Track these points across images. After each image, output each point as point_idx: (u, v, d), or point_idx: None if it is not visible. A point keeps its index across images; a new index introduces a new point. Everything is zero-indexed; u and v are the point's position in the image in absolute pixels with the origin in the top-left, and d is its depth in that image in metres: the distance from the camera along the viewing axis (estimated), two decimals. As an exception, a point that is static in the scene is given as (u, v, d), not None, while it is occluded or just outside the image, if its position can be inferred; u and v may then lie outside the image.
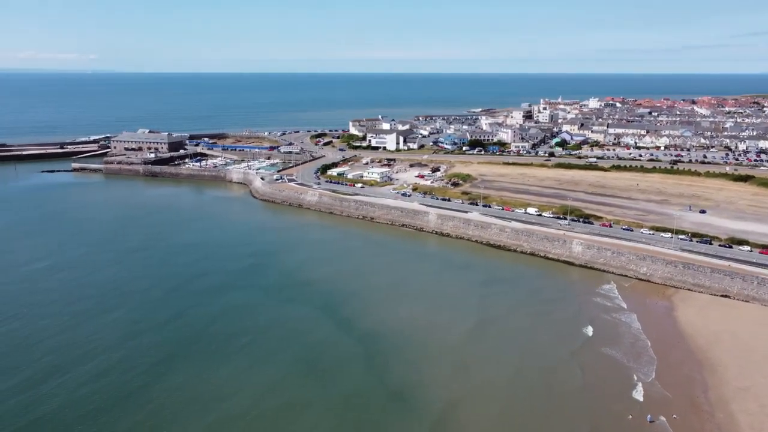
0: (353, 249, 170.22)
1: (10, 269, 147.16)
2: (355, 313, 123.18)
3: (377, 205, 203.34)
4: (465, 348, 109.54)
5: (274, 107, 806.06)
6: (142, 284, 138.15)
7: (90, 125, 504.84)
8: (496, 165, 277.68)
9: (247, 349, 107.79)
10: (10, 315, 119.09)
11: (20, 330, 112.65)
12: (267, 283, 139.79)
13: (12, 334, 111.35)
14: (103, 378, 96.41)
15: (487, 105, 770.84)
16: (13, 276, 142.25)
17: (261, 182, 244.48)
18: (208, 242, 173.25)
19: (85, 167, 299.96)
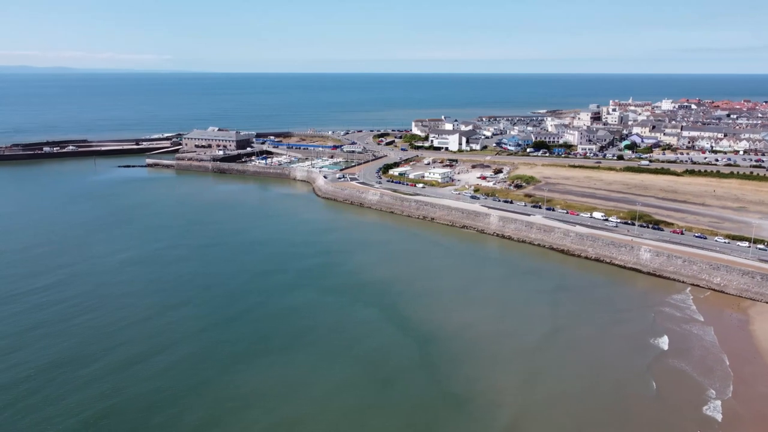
0: (416, 251, 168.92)
1: (90, 261, 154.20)
2: (419, 317, 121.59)
3: (438, 205, 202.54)
4: (534, 357, 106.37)
5: (340, 107, 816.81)
6: (212, 280, 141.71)
7: (164, 123, 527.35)
8: (562, 167, 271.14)
9: (311, 348, 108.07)
10: (89, 306, 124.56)
11: (97, 321, 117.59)
12: (331, 284, 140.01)
13: (89, 323, 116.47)
14: (171, 371, 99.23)
15: (553, 106, 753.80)
16: (92, 268, 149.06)
17: (324, 180, 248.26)
18: (273, 240, 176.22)
19: (158, 163, 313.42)
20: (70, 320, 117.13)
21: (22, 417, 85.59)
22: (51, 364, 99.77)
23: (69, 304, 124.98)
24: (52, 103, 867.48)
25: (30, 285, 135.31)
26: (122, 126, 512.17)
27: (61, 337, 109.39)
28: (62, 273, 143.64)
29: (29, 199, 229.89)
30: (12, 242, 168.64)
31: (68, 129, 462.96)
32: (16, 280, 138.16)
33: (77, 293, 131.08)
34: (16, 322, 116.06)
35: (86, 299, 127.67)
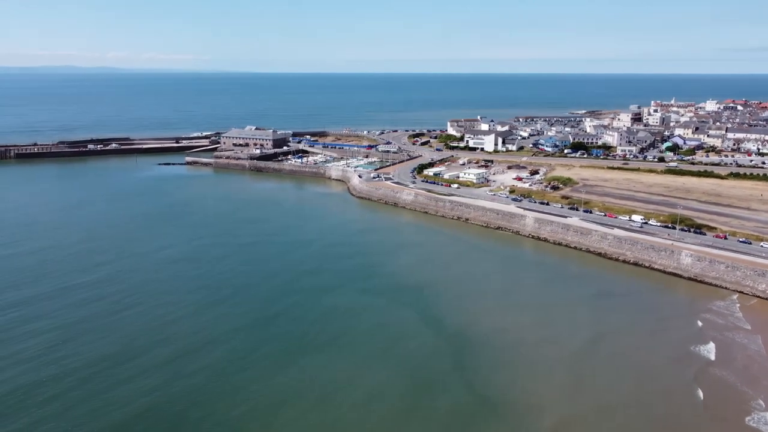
0: (452, 252, 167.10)
1: (134, 258, 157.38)
2: (458, 320, 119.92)
3: (473, 206, 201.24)
4: (576, 364, 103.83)
5: (376, 107, 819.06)
6: (251, 279, 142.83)
7: (203, 122, 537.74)
8: (600, 169, 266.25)
9: (349, 350, 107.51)
10: (133, 302, 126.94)
11: (140, 317, 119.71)
12: (369, 285, 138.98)
13: (133, 320, 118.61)
14: (210, 368, 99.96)
15: (591, 107, 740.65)
16: (136, 264, 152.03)
17: (358, 180, 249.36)
18: (311, 240, 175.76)
19: (197, 161, 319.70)
20: (115, 316, 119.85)
21: (70, 408, 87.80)
22: (96, 359, 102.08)
23: (114, 299, 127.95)
24: (96, 102, 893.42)
25: (77, 280, 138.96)
26: (163, 124, 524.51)
27: (106, 333, 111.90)
28: (108, 269, 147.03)
29: (75, 196, 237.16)
30: (59, 238, 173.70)
31: (111, 127, 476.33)
32: (64, 275, 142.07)
33: (122, 289, 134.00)
34: (63, 315, 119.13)
35: (130, 295, 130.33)
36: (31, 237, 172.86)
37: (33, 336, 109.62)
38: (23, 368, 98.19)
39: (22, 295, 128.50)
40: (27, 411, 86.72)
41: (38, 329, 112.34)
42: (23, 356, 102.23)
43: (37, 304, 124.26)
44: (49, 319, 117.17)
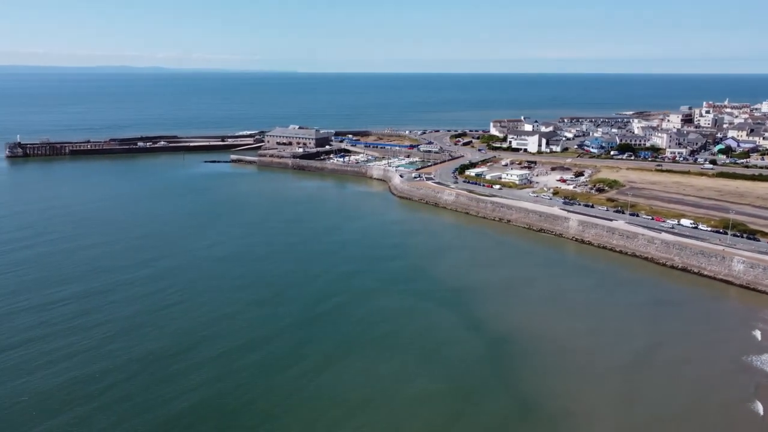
0: (496, 255, 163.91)
1: (182, 255, 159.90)
2: (504, 326, 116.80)
3: (515, 207, 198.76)
4: (630, 375, 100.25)
5: (419, 106, 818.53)
6: (295, 279, 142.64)
7: (248, 120, 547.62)
8: (648, 171, 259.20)
9: (393, 354, 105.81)
10: (180, 299, 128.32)
11: (187, 315, 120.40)
12: (414, 288, 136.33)
13: (180, 317, 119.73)
14: (253, 368, 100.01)
15: (639, 107, 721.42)
16: (184, 262, 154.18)
17: (400, 180, 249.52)
18: (355, 241, 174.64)
19: (242, 159, 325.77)
20: (164, 312, 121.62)
21: (118, 402, 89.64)
22: (144, 354, 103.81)
23: (163, 296, 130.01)
24: (147, 101, 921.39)
25: (127, 276, 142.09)
26: (210, 123, 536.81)
27: (154, 329, 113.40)
28: (157, 266, 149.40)
29: (125, 192, 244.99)
30: (110, 234, 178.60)
31: (160, 125, 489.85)
32: (115, 271, 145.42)
33: (170, 285, 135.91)
34: (114, 311, 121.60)
35: (178, 292, 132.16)
36: (84, 233, 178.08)
37: (84, 330, 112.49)
38: (74, 362, 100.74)
39: (74, 290, 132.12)
40: (77, 404, 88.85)
41: (89, 323, 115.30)
42: (73, 350, 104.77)
43: (88, 299, 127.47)
44: (99, 313, 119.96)
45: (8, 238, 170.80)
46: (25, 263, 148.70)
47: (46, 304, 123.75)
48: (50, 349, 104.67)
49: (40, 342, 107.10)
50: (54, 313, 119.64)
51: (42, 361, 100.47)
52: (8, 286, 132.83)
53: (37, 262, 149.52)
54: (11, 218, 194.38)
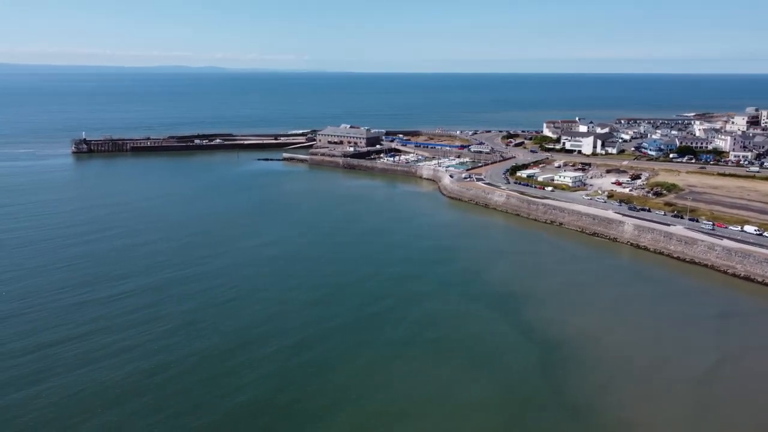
0: (550, 260, 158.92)
1: (235, 253, 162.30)
2: (563, 334, 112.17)
3: (567, 210, 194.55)
4: (700, 389, 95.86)
5: (470, 107, 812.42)
6: (346, 279, 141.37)
7: (300, 119, 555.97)
8: (710, 175, 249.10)
9: (445, 359, 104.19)
10: (234, 297, 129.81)
11: (240, 312, 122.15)
12: (468, 292, 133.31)
13: (232, 314, 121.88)
14: (307, 366, 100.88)
15: (702, 109, 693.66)
16: (237, 260, 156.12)
17: (449, 180, 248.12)
18: (404, 242, 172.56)
19: (294, 157, 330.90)
20: (218, 309, 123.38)
21: (173, 398, 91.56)
22: (198, 351, 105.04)
23: (217, 293, 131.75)
24: (203, 99, 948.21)
25: (184, 272, 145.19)
26: (263, 121, 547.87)
27: (208, 327, 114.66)
28: (213, 263, 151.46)
29: (182, 188, 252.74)
30: (168, 230, 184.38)
31: (216, 124, 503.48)
32: (172, 267, 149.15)
33: (225, 283, 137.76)
34: (170, 307, 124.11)
35: (233, 290, 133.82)
36: (144, 229, 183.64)
37: (141, 325, 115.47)
38: (131, 356, 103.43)
39: (133, 285, 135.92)
40: (133, 397, 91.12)
41: (146, 318, 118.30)
42: (131, 344, 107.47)
43: (146, 294, 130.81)
44: (156, 309, 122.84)
45: (74, 231, 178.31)
46: (89, 257, 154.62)
47: (107, 298, 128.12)
48: (109, 342, 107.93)
49: (99, 334, 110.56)
50: (113, 307, 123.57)
51: (101, 353, 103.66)
52: (72, 279, 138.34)
53: (100, 257, 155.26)
54: (77, 213, 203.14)
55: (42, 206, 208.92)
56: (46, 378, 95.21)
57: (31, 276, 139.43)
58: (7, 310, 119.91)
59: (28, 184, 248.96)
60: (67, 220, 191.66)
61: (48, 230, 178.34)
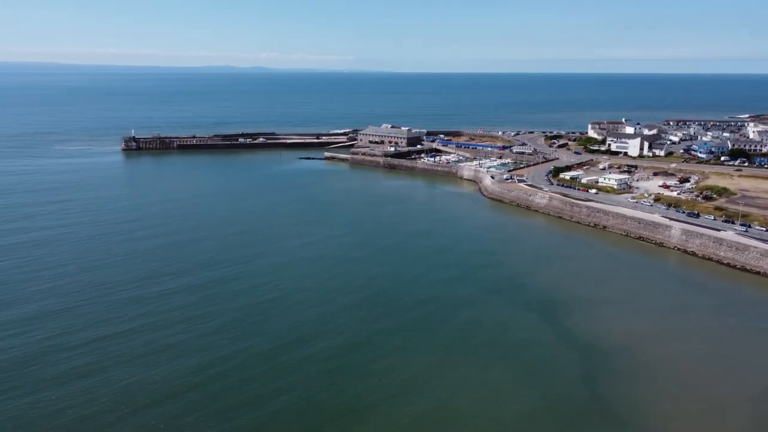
0: (597, 265, 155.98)
1: (280, 253, 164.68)
2: (612, 345, 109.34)
3: (612, 213, 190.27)
4: (761, 408, 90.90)
5: (512, 107, 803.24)
6: (390, 282, 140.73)
7: (341, 119, 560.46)
8: (764, 180, 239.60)
9: (491, 368, 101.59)
10: (279, 297, 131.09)
11: (285, 312, 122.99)
12: (510, 298, 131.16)
13: (279, 312, 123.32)
14: (352, 368, 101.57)
15: (757, 110, 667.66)
16: (282, 259, 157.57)
17: (490, 181, 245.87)
18: (447, 246, 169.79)
19: (335, 156, 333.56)
20: (262, 309, 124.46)
21: (217, 394, 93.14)
22: (241, 350, 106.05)
23: (263, 292, 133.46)
24: (248, 99, 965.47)
25: (228, 271, 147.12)
26: (305, 121, 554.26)
27: (252, 327, 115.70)
28: (257, 263, 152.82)
29: (227, 186, 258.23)
30: (214, 228, 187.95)
31: (260, 123, 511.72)
32: (217, 265, 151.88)
33: (269, 282, 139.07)
34: (216, 305, 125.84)
35: (276, 290, 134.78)
36: (191, 227, 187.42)
37: (186, 322, 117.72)
38: (176, 352, 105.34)
39: (180, 283, 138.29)
40: (177, 394, 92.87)
41: (191, 316, 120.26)
42: (176, 341, 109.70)
43: (192, 292, 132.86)
44: (202, 307, 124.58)
45: (126, 228, 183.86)
46: (139, 253, 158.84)
47: (154, 294, 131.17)
48: (155, 338, 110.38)
49: (146, 331, 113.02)
50: (160, 303, 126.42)
51: (147, 349, 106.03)
52: (123, 275, 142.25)
53: (149, 253, 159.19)
54: (129, 210, 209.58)
55: (96, 203, 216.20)
56: (92, 372, 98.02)
57: (85, 271, 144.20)
58: (62, 304, 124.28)
59: (81, 180, 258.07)
60: (119, 216, 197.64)
61: (101, 226, 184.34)
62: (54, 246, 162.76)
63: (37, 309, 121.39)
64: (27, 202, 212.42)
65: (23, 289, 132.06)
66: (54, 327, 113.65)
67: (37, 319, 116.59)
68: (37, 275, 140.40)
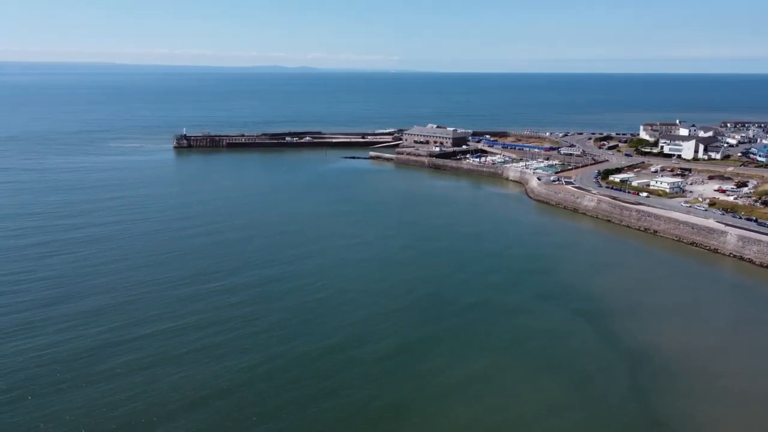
0: (649, 273, 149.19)
1: (326, 252, 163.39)
2: (670, 361, 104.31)
3: (663, 217, 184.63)
4: None
5: (560, 107, 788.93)
6: (437, 287, 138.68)
7: (387, 119, 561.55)
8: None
9: (552, 379, 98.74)
10: (325, 297, 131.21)
11: (332, 313, 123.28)
12: (561, 305, 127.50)
13: (326, 312, 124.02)
14: (387, 363, 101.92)
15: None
16: (328, 259, 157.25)
17: (537, 182, 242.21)
18: (495, 250, 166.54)
19: (380, 156, 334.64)
20: (310, 310, 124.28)
21: (266, 392, 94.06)
22: (290, 350, 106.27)
23: (309, 294, 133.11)
24: (295, 98, 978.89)
25: (277, 270, 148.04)
26: (351, 120, 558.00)
27: (301, 328, 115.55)
28: (306, 263, 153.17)
29: (274, 184, 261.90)
30: (262, 227, 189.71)
31: (306, 122, 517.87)
32: (266, 265, 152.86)
33: (315, 282, 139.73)
34: (265, 305, 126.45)
35: (325, 291, 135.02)
36: (242, 225, 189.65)
37: (235, 321, 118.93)
38: (226, 351, 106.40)
39: (227, 282, 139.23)
40: (228, 393, 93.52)
41: (241, 315, 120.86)
42: (220, 341, 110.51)
43: (239, 291, 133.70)
44: (248, 306, 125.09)
45: (179, 225, 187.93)
46: (188, 251, 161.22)
47: (203, 292, 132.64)
48: (202, 336, 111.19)
49: (194, 329, 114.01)
50: (209, 301, 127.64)
51: (197, 345, 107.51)
52: (169, 272, 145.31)
53: (197, 251, 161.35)
54: (181, 207, 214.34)
55: (149, 200, 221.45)
56: (144, 367, 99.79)
57: (139, 267, 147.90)
58: (116, 299, 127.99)
59: (135, 178, 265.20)
60: (171, 213, 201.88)
61: (154, 223, 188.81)
62: (110, 242, 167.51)
63: (93, 303, 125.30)
64: (85, 199, 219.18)
65: (81, 283, 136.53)
66: (108, 321, 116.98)
67: (93, 313, 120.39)
68: (93, 270, 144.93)
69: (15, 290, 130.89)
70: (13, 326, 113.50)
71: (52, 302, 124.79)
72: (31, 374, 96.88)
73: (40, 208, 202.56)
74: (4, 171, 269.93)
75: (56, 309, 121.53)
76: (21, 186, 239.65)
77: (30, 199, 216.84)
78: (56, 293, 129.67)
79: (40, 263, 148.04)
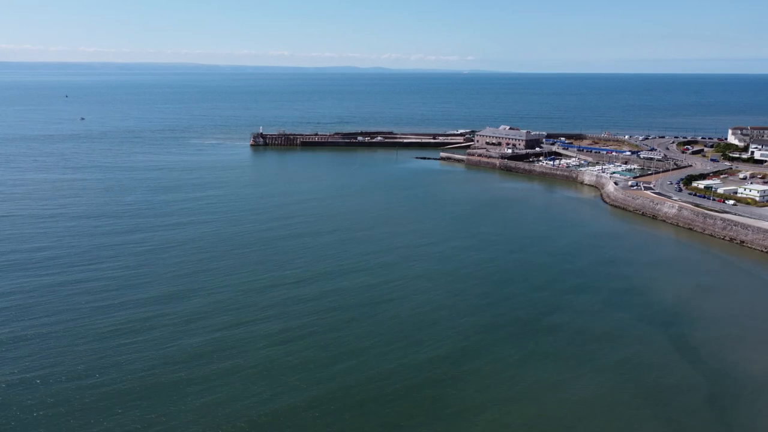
0: (742, 291, 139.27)
1: (398, 251, 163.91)
2: (747, 378, 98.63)
3: (752, 227, 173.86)
4: None
5: (642, 109, 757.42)
6: (515, 288, 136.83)
7: (459, 119, 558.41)
8: None
9: (615, 387, 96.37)
10: (392, 297, 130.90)
11: (396, 311, 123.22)
12: (646, 315, 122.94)
13: (389, 309, 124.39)
14: (459, 365, 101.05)
15: None
16: (398, 259, 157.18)
17: (613, 187, 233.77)
18: (572, 254, 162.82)
19: (451, 157, 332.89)
20: (378, 307, 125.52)
21: (331, 396, 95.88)
22: (354, 349, 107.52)
23: (377, 293, 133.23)
24: (368, 98, 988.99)
25: (346, 269, 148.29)
26: (422, 121, 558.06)
27: (366, 326, 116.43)
28: (377, 261, 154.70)
29: (348, 183, 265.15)
30: (337, 225, 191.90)
31: (378, 122, 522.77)
32: (335, 262, 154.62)
33: (385, 283, 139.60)
34: (336, 301, 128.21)
35: (395, 290, 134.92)
36: (316, 222, 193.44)
37: (303, 317, 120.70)
38: (293, 348, 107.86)
39: (303, 277, 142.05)
40: (304, 389, 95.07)
41: (310, 311, 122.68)
42: (292, 335, 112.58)
43: (313, 286, 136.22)
44: (323, 302, 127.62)
45: (259, 218, 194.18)
46: (265, 247, 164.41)
47: (284, 284, 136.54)
48: (273, 331, 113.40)
49: (276, 321, 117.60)
50: (288, 296, 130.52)
51: (276, 339, 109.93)
52: (250, 266, 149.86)
53: (274, 248, 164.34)
54: (254, 205, 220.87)
55: (230, 198, 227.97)
56: (226, 357, 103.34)
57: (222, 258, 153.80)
58: (200, 292, 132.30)
59: (215, 176, 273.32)
60: (249, 211, 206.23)
61: (235, 219, 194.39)
62: (196, 241, 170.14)
63: (182, 297, 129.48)
64: (170, 200, 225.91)
65: (172, 278, 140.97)
66: (191, 311, 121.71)
67: (180, 304, 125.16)
68: (198, 268, 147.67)
69: (129, 285, 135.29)
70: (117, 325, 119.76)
71: (169, 299, 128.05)
72: (148, 374, 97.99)
73: (142, 206, 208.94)
74: (98, 168, 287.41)
75: (173, 306, 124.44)
76: (110, 184, 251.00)
77: (114, 199, 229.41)
78: (175, 290, 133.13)
79: (147, 259, 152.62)
